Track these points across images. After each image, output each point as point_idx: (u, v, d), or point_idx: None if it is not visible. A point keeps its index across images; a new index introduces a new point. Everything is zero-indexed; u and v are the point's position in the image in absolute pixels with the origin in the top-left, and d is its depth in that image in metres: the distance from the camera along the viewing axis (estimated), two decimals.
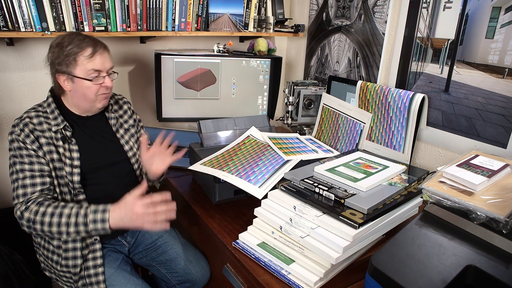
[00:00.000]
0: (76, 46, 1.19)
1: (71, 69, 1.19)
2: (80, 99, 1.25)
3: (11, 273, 1.41)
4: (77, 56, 1.19)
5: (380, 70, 1.70)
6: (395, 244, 0.86)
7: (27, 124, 1.20)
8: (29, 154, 1.19)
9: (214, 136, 1.63)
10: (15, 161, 1.19)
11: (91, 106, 1.28)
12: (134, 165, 1.41)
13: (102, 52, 1.23)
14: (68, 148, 1.25)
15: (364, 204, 0.97)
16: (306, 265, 0.99)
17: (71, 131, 1.27)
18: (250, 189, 1.20)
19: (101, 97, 1.27)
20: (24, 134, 1.19)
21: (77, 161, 1.25)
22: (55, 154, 1.22)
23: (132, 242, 1.44)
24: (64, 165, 1.23)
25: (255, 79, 2.02)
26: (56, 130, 1.23)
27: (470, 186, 0.95)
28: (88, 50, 1.20)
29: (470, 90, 1.36)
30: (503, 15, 1.24)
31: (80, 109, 1.30)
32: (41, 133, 1.21)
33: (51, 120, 1.24)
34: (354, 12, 1.79)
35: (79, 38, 1.21)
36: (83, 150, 1.28)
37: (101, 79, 1.24)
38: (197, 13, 1.83)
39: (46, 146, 1.21)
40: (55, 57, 1.20)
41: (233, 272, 1.19)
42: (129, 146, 1.41)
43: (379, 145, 1.59)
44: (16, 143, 1.19)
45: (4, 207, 1.77)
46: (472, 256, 0.81)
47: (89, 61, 1.20)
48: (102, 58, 1.23)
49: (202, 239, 1.45)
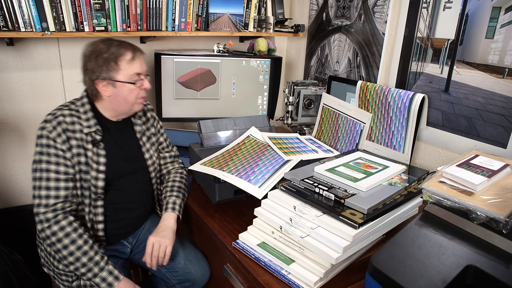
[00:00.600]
0: (115, 51, 1.20)
1: (113, 74, 1.20)
2: (120, 103, 1.26)
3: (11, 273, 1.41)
4: (118, 60, 1.20)
5: (380, 70, 1.70)
6: (395, 244, 0.86)
7: (61, 123, 1.19)
8: (57, 154, 1.17)
9: (214, 136, 1.63)
10: (42, 158, 1.17)
11: (129, 109, 1.29)
12: (152, 173, 1.42)
13: (139, 55, 1.26)
14: (96, 152, 1.25)
15: (364, 204, 0.97)
16: (306, 265, 0.99)
17: (102, 135, 1.26)
18: (250, 189, 1.20)
19: (140, 100, 1.29)
20: (56, 132, 1.17)
21: (103, 166, 1.25)
22: (83, 157, 1.22)
23: (134, 242, 1.44)
24: (90, 169, 1.23)
25: (255, 79, 2.02)
26: (87, 132, 1.22)
27: (470, 186, 0.95)
28: (128, 54, 1.21)
29: (470, 90, 1.36)
30: (503, 15, 1.24)
31: (115, 113, 1.29)
32: (73, 133, 1.20)
33: (83, 121, 1.23)
34: (354, 12, 1.79)
35: (116, 44, 1.22)
36: (109, 156, 1.27)
37: (140, 81, 1.26)
38: (197, 13, 1.83)
39: (76, 149, 1.21)
40: (93, 64, 1.19)
41: (233, 272, 1.19)
42: (149, 154, 1.41)
43: (379, 145, 1.59)
44: (46, 140, 1.17)
45: (4, 207, 1.77)
46: (472, 256, 0.81)
47: (130, 65, 1.22)
48: (140, 61, 1.25)
49: (202, 239, 1.45)
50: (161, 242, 1.27)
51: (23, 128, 1.74)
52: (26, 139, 1.75)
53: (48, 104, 1.76)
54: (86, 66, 1.22)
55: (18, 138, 1.74)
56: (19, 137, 1.74)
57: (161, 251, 1.27)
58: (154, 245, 1.27)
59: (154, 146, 1.45)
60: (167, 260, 1.30)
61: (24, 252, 1.57)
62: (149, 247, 1.27)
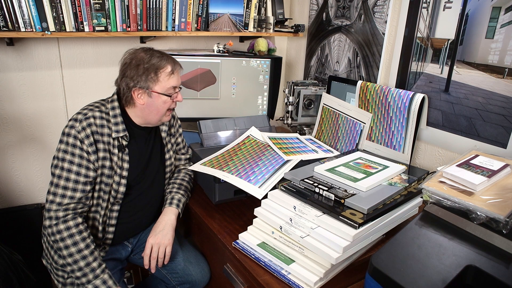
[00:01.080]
0: (157, 63, 1.22)
1: (151, 84, 1.22)
2: (151, 113, 1.27)
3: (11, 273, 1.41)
4: (158, 72, 1.22)
5: (380, 70, 1.70)
6: (395, 244, 0.86)
7: (91, 125, 1.19)
8: (81, 156, 1.18)
9: (214, 136, 1.63)
10: (65, 157, 1.17)
11: (158, 120, 1.30)
12: (167, 174, 1.45)
13: (178, 70, 1.28)
14: (121, 157, 1.25)
15: (364, 204, 0.97)
16: (306, 265, 0.99)
17: (128, 141, 1.27)
18: (250, 189, 1.20)
19: (169, 112, 1.31)
20: (85, 133, 1.17)
21: (126, 172, 1.26)
22: (108, 161, 1.22)
23: (135, 242, 1.44)
24: (114, 174, 1.24)
25: (255, 79, 2.02)
26: (115, 137, 1.23)
27: (470, 186, 0.95)
28: (168, 67, 1.24)
29: (470, 90, 1.36)
30: (503, 15, 1.24)
31: (144, 121, 1.30)
32: (101, 137, 1.21)
33: (112, 124, 1.23)
34: (354, 12, 1.79)
35: (157, 55, 1.24)
36: (132, 161, 1.29)
37: (175, 95, 1.28)
38: (197, 13, 1.83)
39: (102, 152, 1.21)
40: (133, 72, 1.21)
41: (233, 272, 1.19)
42: (169, 155, 1.44)
43: (379, 145, 1.59)
44: (72, 140, 1.17)
45: (4, 207, 1.77)
46: (472, 256, 0.81)
47: (170, 78, 1.24)
48: (178, 76, 1.28)
49: (202, 239, 1.45)
50: (160, 243, 1.28)
51: (23, 128, 1.74)
52: (26, 139, 1.75)
53: (48, 104, 1.76)
54: (125, 72, 1.23)
55: (18, 138, 1.74)
56: (19, 137, 1.74)
57: (161, 251, 1.28)
58: (153, 247, 1.27)
59: (173, 146, 1.47)
60: (167, 260, 1.30)
61: (24, 252, 1.57)
62: (148, 249, 1.27)
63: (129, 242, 1.43)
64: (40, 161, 1.81)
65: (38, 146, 1.78)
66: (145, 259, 1.28)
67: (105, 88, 1.83)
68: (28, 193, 1.82)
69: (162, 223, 1.31)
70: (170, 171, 1.47)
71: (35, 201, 1.84)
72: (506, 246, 0.82)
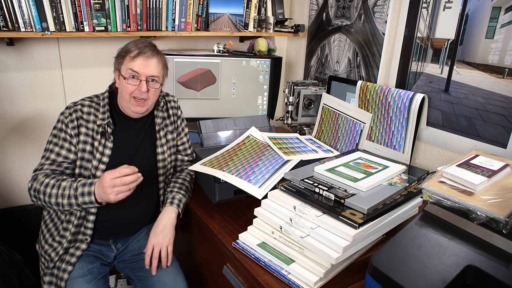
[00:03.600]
0: (127, 47, 1.28)
1: (120, 66, 1.29)
2: (121, 97, 1.32)
3: (11, 273, 1.41)
4: (126, 55, 1.27)
5: (380, 70, 1.70)
6: (395, 244, 0.86)
7: (77, 111, 1.28)
8: (65, 138, 1.27)
9: (214, 136, 1.63)
10: (52, 140, 1.28)
11: (126, 107, 1.32)
12: (160, 170, 1.42)
13: (147, 57, 1.27)
14: (103, 143, 1.30)
15: (364, 204, 0.97)
16: (306, 265, 0.99)
17: (113, 129, 1.32)
18: (250, 189, 1.20)
19: (134, 101, 1.29)
20: (70, 118, 1.27)
21: (107, 158, 1.30)
22: (89, 146, 1.29)
23: (121, 248, 1.41)
24: (93, 158, 1.29)
25: (255, 79, 2.02)
26: (99, 124, 1.30)
27: (470, 186, 0.95)
28: (134, 52, 1.26)
29: (470, 90, 1.36)
30: (503, 15, 1.24)
31: (122, 108, 1.35)
32: (85, 122, 1.29)
33: (100, 113, 1.31)
34: (354, 12, 1.79)
35: (139, 41, 1.29)
36: (116, 149, 1.32)
37: (135, 80, 1.27)
38: (197, 13, 1.83)
39: (83, 136, 1.28)
40: (116, 55, 1.31)
41: (233, 272, 1.19)
42: (162, 150, 1.42)
43: (379, 145, 1.59)
44: (60, 124, 1.28)
45: (4, 207, 1.77)
46: (472, 256, 0.81)
47: (131, 61, 1.26)
48: (144, 63, 1.26)
49: (202, 239, 1.45)
50: (161, 244, 1.28)
51: (23, 128, 1.74)
52: (26, 139, 1.75)
53: (48, 104, 1.76)
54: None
55: (18, 138, 1.74)
56: (19, 137, 1.74)
57: (163, 251, 1.28)
58: (155, 248, 1.28)
59: (169, 143, 1.45)
60: (170, 260, 1.30)
61: (24, 252, 1.57)
62: (149, 250, 1.27)
63: (116, 246, 1.39)
64: None
65: (38, 146, 1.78)
66: (146, 259, 1.28)
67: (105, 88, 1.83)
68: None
69: (163, 222, 1.31)
70: (166, 169, 1.43)
71: None
72: (506, 246, 0.82)
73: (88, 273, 1.28)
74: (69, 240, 1.27)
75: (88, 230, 1.30)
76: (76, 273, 1.27)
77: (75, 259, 1.28)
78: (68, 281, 1.25)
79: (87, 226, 1.30)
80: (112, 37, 1.81)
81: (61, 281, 1.25)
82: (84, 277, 1.27)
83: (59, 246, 1.28)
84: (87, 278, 1.27)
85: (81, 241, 1.30)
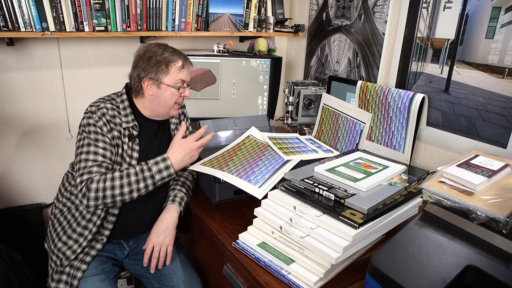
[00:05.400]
0: (168, 57, 1.29)
1: (161, 76, 1.28)
2: (159, 104, 1.33)
3: (11, 273, 1.41)
4: (169, 65, 1.29)
5: (380, 70, 1.70)
6: (395, 244, 0.86)
7: (105, 114, 1.27)
8: (104, 141, 1.26)
9: (214, 136, 1.63)
10: (90, 142, 1.25)
11: (165, 112, 1.35)
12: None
13: (189, 66, 1.35)
14: (131, 146, 1.31)
15: (364, 204, 0.97)
16: (306, 265, 0.99)
17: (138, 131, 1.33)
18: (250, 189, 1.20)
19: (177, 106, 1.36)
20: (102, 122, 1.26)
21: (135, 161, 1.31)
22: (120, 148, 1.30)
23: (133, 246, 1.43)
24: (123, 161, 1.30)
25: (255, 79, 2.02)
26: (125, 127, 1.30)
27: (470, 186, 0.95)
28: (179, 61, 1.31)
29: (470, 90, 1.36)
30: (503, 15, 1.24)
31: (152, 113, 1.36)
32: (114, 125, 1.29)
33: (122, 116, 1.31)
34: (354, 12, 1.79)
35: (170, 50, 1.32)
36: (142, 152, 1.34)
37: (183, 89, 1.34)
38: (197, 13, 1.83)
39: (116, 139, 1.29)
40: (145, 63, 1.28)
41: (233, 272, 1.19)
42: None
43: (379, 145, 1.59)
44: (93, 128, 1.26)
45: (4, 207, 1.77)
46: (472, 256, 0.81)
47: (179, 72, 1.30)
48: (187, 71, 1.34)
49: (202, 239, 1.45)
50: (162, 244, 1.28)
51: (23, 128, 1.74)
52: (26, 139, 1.75)
53: (48, 104, 1.76)
54: (138, 63, 1.30)
55: (18, 138, 1.74)
56: (19, 137, 1.74)
57: (162, 251, 1.28)
58: (155, 247, 1.28)
59: None
60: (169, 260, 1.30)
61: (24, 252, 1.57)
62: (149, 249, 1.28)
63: (128, 244, 1.42)
64: (40, 161, 1.81)
65: (38, 146, 1.78)
66: (145, 258, 1.28)
67: (105, 88, 1.84)
68: (28, 193, 1.82)
69: (165, 221, 1.31)
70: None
71: (35, 201, 1.84)
72: (506, 246, 0.82)
73: (101, 272, 1.30)
74: (89, 239, 1.28)
75: (106, 231, 1.32)
76: (90, 272, 1.28)
77: (90, 258, 1.29)
78: (82, 279, 1.26)
79: (106, 227, 1.31)
80: (112, 37, 1.81)
81: (73, 279, 1.25)
82: (97, 275, 1.28)
83: (75, 244, 1.28)
84: (100, 277, 1.28)
85: (97, 241, 1.31)
